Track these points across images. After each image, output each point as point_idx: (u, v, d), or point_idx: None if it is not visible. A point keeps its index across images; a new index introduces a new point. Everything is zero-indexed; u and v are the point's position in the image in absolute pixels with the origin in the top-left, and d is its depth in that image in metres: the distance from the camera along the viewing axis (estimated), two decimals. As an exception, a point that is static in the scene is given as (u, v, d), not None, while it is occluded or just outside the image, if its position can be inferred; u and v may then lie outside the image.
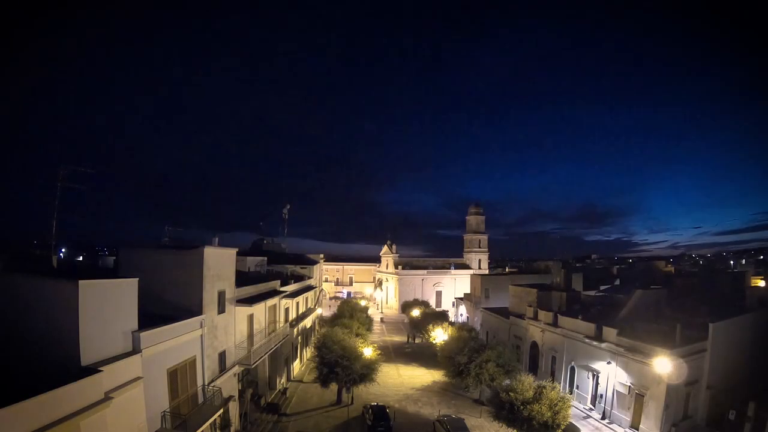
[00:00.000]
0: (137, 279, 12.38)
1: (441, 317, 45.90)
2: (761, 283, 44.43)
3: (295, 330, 31.08)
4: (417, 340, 45.61)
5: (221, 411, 16.32)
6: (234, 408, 19.35)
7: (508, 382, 22.38)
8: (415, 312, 51.45)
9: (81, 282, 10.15)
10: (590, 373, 24.73)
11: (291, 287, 31.67)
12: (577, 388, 25.83)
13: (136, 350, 11.92)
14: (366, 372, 24.70)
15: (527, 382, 20.20)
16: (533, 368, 30.69)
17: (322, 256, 64.29)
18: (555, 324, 28.80)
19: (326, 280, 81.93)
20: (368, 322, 41.71)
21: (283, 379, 28.68)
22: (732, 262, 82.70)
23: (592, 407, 24.31)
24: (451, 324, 41.45)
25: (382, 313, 69.20)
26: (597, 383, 24.24)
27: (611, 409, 22.80)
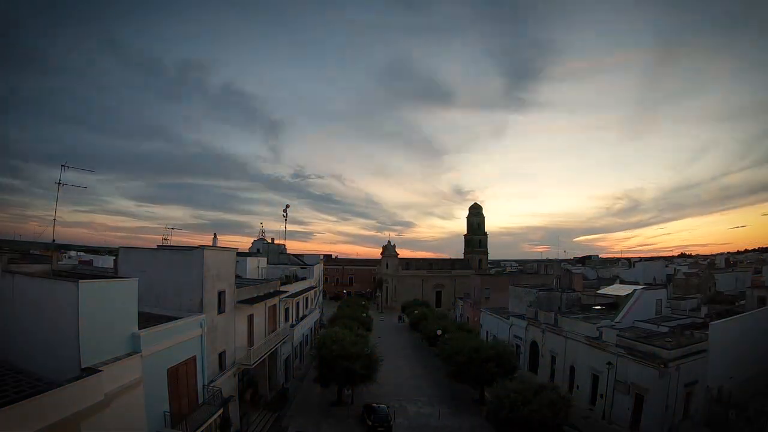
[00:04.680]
0: (137, 279, 12.35)
1: (441, 317, 46.02)
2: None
3: (295, 330, 31.10)
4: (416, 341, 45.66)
5: (221, 411, 16.31)
6: (234, 408, 19.37)
7: (508, 382, 22.42)
8: (415, 312, 51.61)
9: (81, 283, 10.13)
10: (590, 373, 24.73)
11: (291, 287, 31.69)
12: (578, 388, 25.82)
13: (136, 351, 11.90)
14: (366, 372, 24.70)
15: (527, 382, 20.22)
16: (533, 368, 30.70)
17: (322, 256, 64.33)
18: (555, 324, 28.82)
19: (326, 281, 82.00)
20: (368, 322, 41.79)
21: (283, 379, 28.68)
22: (732, 261, 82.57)
23: (592, 407, 24.31)
24: (451, 324, 41.55)
25: (382, 312, 69.28)
26: (597, 383, 24.23)
27: (611, 409, 22.80)
